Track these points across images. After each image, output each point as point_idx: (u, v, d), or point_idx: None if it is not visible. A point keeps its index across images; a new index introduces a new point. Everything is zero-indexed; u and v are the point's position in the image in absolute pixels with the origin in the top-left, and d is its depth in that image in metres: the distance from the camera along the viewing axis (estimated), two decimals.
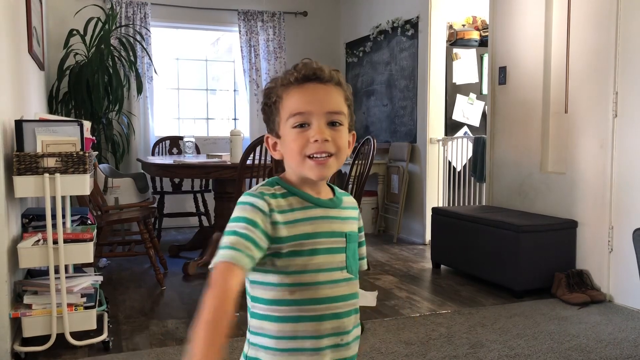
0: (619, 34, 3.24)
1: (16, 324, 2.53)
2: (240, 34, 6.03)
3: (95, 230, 2.82)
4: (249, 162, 3.00)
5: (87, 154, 2.49)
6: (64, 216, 2.74)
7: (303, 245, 1.01)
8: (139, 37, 5.41)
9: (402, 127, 5.41)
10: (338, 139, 1.02)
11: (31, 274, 2.76)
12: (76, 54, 5.06)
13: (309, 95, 1.02)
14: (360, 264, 1.13)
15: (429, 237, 4.76)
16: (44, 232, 2.49)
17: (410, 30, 5.17)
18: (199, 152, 5.44)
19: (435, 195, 5.07)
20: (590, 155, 3.46)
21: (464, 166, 4.92)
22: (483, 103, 5.18)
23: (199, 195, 5.44)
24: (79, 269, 3.00)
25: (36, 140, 2.43)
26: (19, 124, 2.43)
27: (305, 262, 1.01)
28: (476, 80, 5.27)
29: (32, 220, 2.79)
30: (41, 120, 2.52)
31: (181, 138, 5.41)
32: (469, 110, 5.27)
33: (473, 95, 5.26)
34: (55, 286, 2.45)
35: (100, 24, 4.98)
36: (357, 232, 1.11)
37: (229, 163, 3.63)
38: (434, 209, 4.26)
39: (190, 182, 5.46)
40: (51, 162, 2.42)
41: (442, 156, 5.04)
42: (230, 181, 4.03)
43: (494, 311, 3.15)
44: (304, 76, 1.02)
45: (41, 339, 2.46)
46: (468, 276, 3.90)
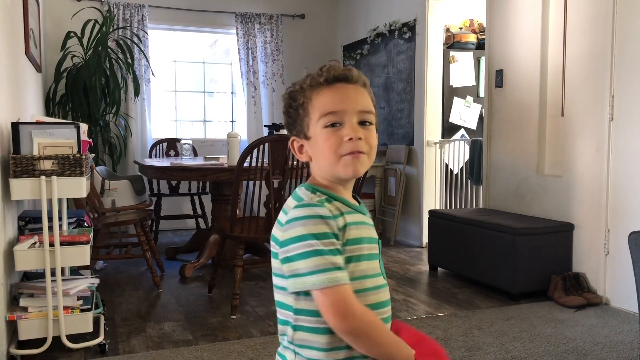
0: (615, 37, 3.25)
1: (12, 327, 2.53)
2: (237, 36, 6.03)
3: (92, 233, 2.82)
4: (246, 165, 3.00)
5: (83, 157, 2.49)
6: (60, 219, 2.74)
7: (352, 252, 1.00)
8: (136, 39, 5.41)
9: (399, 129, 5.42)
10: (370, 138, 1.02)
11: (27, 276, 2.75)
12: (73, 56, 5.06)
13: (341, 94, 1.02)
14: None
15: (425, 239, 4.76)
16: (41, 234, 2.49)
17: (408, 33, 5.17)
18: (196, 154, 5.44)
19: (432, 197, 5.07)
20: (587, 158, 3.47)
21: (461, 169, 4.92)
22: (480, 106, 5.19)
23: (196, 198, 5.44)
24: (76, 271, 3.00)
25: (33, 142, 2.43)
26: (15, 126, 2.43)
27: (352, 269, 1.00)
28: (473, 83, 5.28)
29: (29, 222, 2.78)
30: (38, 123, 2.52)
31: (178, 140, 5.41)
32: (465, 113, 5.28)
33: (470, 98, 5.27)
34: (51, 289, 2.44)
35: (97, 26, 4.99)
36: None
37: (226, 165, 3.62)
38: (431, 212, 4.26)
39: (187, 184, 5.45)
40: (48, 165, 2.42)
41: (439, 159, 5.04)
42: (228, 184, 4.03)
43: (490, 314, 3.15)
44: (333, 77, 1.03)
45: (37, 342, 2.46)
46: (465, 279, 3.90)
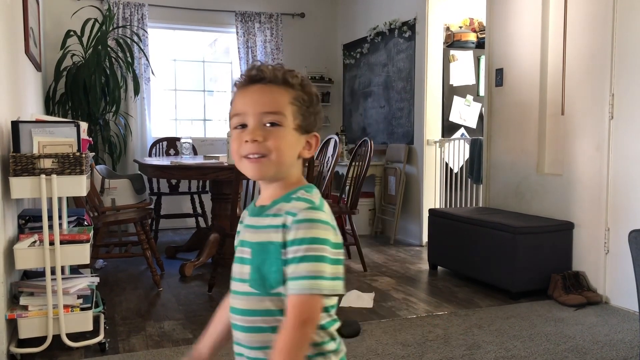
0: (615, 36, 3.25)
1: (12, 326, 2.53)
2: (237, 35, 6.03)
3: (92, 232, 2.82)
4: None
5: (83, 155, 2.49)
6: (60, 217, 2.73)
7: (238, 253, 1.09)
8: (136, 38, 5.40)
9: (399, 128, 5.42)
10: (274, 139, 0.99)
11: (27, 275, 2.75)
12: (73, 55, 5.05)
13: (245, 97, 1.02)
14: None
15: (425, 238, 4.76)
16: (41, 233, 2.49)
17: (408, 31, 5.17)
18: (196, 153, 5.44)
19: (432, 196, 5.07)
20: (587, 156, 3.46)
21: (461, 168, 4.92)
22: (480, 105, 5.19)
23: (195, 197, 5.44)
24: (76, 270, 3.00)
25: (33, 141, 2.43)
26: (15, 125, 2.43)
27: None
28: (473, 82, 5.28)
29: (29, 221, 2.78)
30: (38, 122, 2.52)
31: (178, 139, 5.41)
32: (465, 112, 5.28)
33: (470, 97, 5.27)
34: (51, 287, 2.44)
35: (97, 25, 4.98)
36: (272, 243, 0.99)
37: (226, 164, 3.63)
38: (430, 211, 4.26)
39: (187, 183, 5.45)
40: (48, 163, 2.41)
41: (439, 158, 5.04)
42: (227, 182, 4.03)
43: (490, 313, 3.15)
44: (246, 78, 1.03)
45: (37, 341, 2.46)
46: (465, 278, 3.90)
